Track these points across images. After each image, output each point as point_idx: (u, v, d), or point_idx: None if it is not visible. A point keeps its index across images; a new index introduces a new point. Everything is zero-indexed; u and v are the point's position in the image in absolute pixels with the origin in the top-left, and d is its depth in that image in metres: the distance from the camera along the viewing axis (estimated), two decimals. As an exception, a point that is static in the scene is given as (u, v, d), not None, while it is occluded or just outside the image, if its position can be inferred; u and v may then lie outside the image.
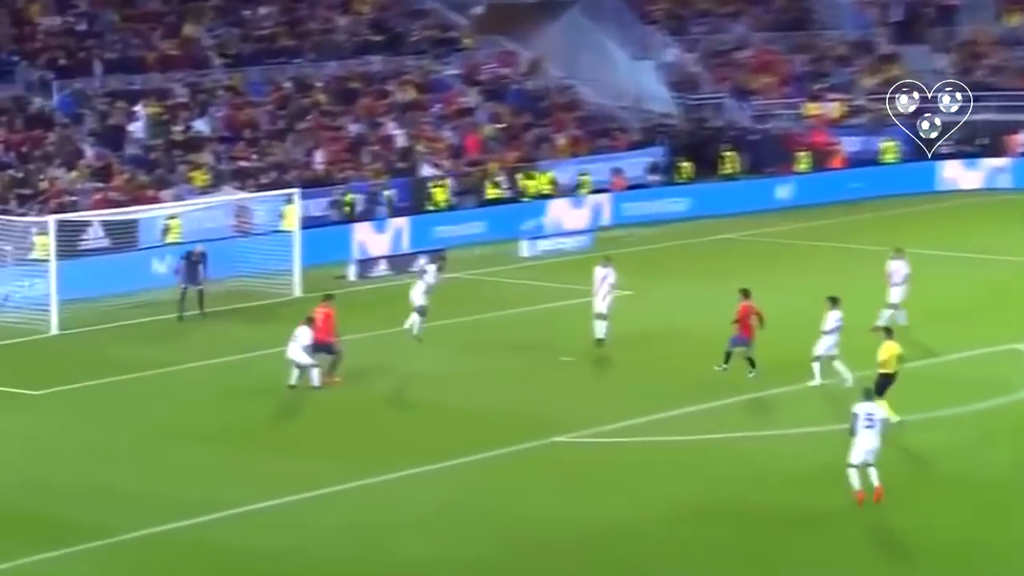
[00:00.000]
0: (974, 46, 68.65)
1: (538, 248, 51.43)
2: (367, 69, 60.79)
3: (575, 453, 30.06)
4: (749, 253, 51.09)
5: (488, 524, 26.11)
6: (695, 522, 26.08)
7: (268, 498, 27.14)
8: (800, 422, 31.17)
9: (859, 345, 32.79)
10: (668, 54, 67.04)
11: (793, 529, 25.80)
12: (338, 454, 29.94)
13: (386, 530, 25.87)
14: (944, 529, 25.66)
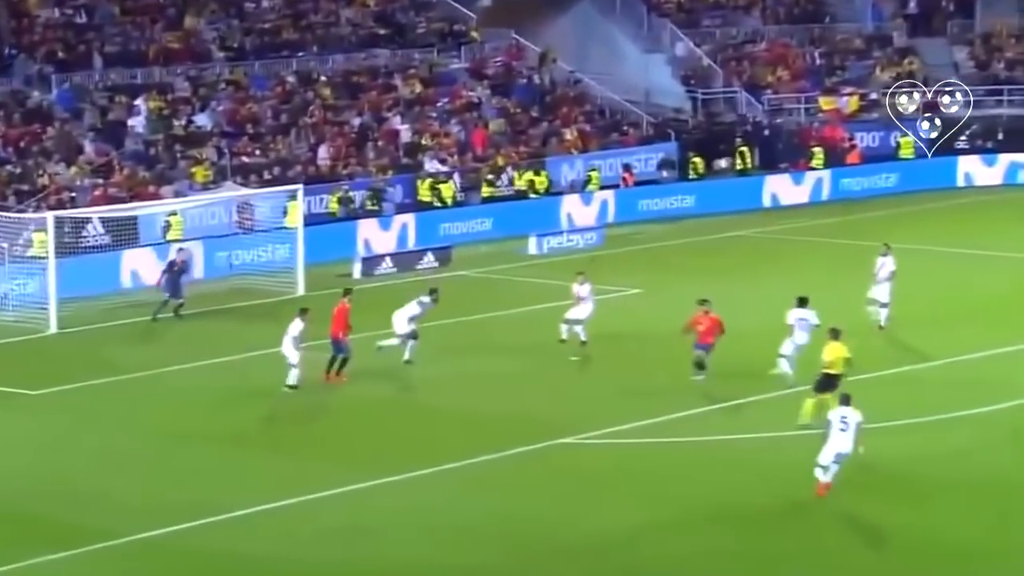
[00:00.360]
0: (992, 39, 68.51)
1: (546, 246, 51.45)
2: (372, 63, 60.84)
3: (583, 455, 30.07)
4: (759, 250, 51.08)
5: (493, 528, 26.10)
6: (706, 526, 26.06)
7: (267, 501, 27.15)
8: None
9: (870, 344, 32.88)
10: (679, 48, 66.97)
11: (800, 531, 25.83)
12: (339, 456, 29.95)
13: (388, 534, 25.88)
14: (953, 533, 25.66)
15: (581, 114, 61.84)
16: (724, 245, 52.23)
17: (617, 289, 43.41)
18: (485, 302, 42.95)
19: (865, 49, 68.72)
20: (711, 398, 33.08)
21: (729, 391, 33.36)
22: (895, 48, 68.71)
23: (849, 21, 70.63)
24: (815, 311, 33.30)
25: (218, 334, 40.43)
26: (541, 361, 36.63)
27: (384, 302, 41.85)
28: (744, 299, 41.56)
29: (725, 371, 34.59)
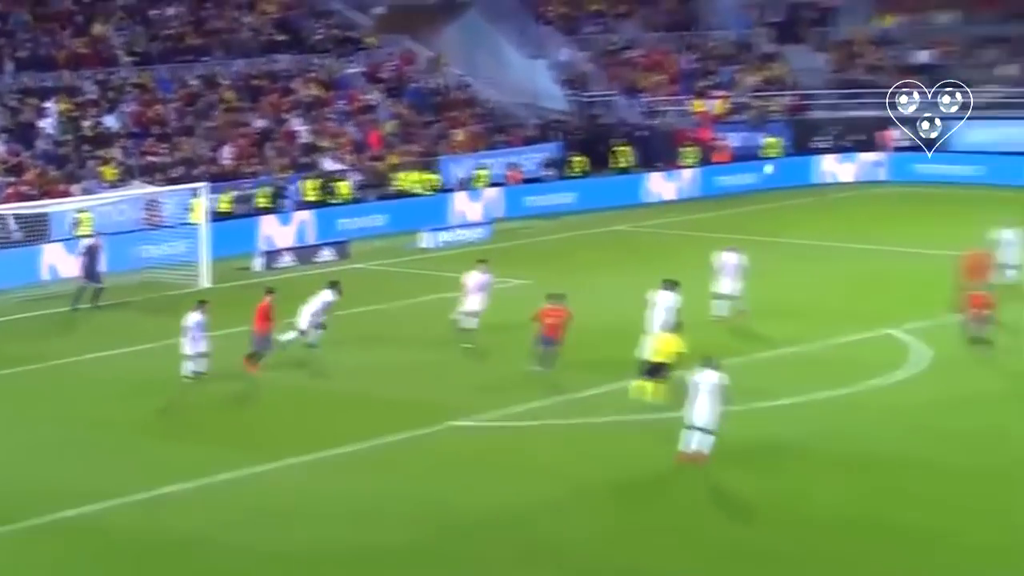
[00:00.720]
0: (850, 46, 69.30)
1: (438, 239, 51.27)
2: (272, 67, 60.34)
3: (474, 436, 29.88)
4: (639, 244, 51.23)
5: (389, 508, 25.79)
6: (593, 502, 25.95)
7: (175, 483, 26.67)
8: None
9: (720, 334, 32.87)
10: (562, 53, 67.10)
11: (678, 504, 25.80)
12: (239, 442, 29.42)
13: (288, 516, 25.44)
14: (824, 506, 25.72)
15: (470, 116, 61.72)
16: (605, 239, 52.37)
17: (506, 280, 43.27)
18: (381, 293, 42.71)
19: (733, 55, 69.19)
20: (596, 381, 32.96)
21: (613, 374, 33.26)
22: (761, 54, 69.22)
23: (719, 29, 71.07)
24: (679, 297, 33.15)
25: (128, 325, 39.85)
26: (435, 349, 36.40)
27: (284, 294, 41.48)
28: (625, 288, 41.63)
29: (609, 355, 34.60)
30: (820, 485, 26.67)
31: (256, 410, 32.05)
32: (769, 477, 27.00)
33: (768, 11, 71.89)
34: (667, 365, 30.21)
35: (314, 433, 29.80)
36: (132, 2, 60.94)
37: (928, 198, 58.72)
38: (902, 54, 68.27)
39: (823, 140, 64.58)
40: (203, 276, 44.46)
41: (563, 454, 28.63)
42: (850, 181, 62.57)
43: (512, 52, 67.18)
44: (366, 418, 30.77)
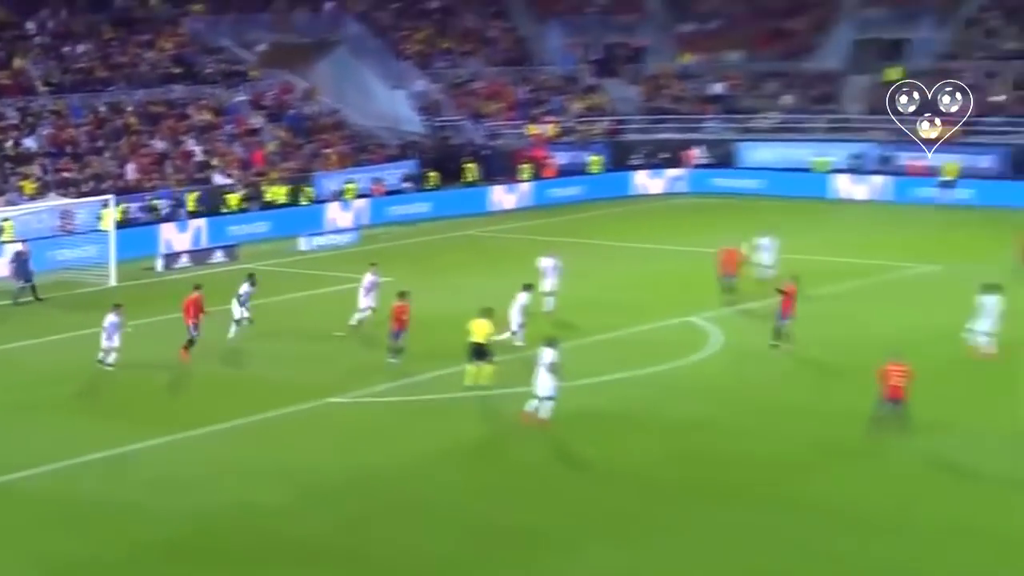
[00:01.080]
0: (658, 79, 70.12)
1: (313, 243, 51.03)
2: (169, 96, 59.48)
3: (347, 411, 29.94)
4: (484, 247, 51.47)
5: (276, 472, 25.77)
6: (448, 464, 26.13)
7: (83, 455, 26.30)
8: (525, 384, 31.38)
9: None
10: (417, 85, 67.03)
11: (519, 464, 26.03)
12: (146, 418, 29.11)
13: (190, 480, 25.37)
14: (641, 465, 26.16)
15: (340, 138, 61.46)
16: (455, 242, 52.52)
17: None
18: (266, 290, 42.25)
19: (561, 87, 69.67)
20: (448, 363, 33.05)
21: (462, 358, 33.41)
22: (584, 86, 69.80)
23: (549, 65, 71.52)
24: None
25: (43, 318, 39.15)
26: (313, 336, 36.28)
27: (182, 291, 41.03)
28: (472, 285, 41.90)
29: (461, 341, 34.75)
30: (637, 447, 27.13)
31: (162, 391, 31.68)
32: (596, 442, 27.38)
33: (589, 50, 72.46)
34: (487, 346, 29.70)
35: (211, 409, 29.61)
36: (48, 40, 59.78)
37: (721, 207, 59.71)
38: (700, 86, 69.25)
39: (636, 158, 65.36)
40: (111, 276, 43.82)
41: (422, 424, 28.76)
42: (659, 193, 63.33)
43: (375, 83, 67.01)
44: (255, 396, 30.62)
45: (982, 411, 29.01)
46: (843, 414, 28.40)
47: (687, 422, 28.52)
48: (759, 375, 32.09)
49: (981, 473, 25.33)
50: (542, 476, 25.42)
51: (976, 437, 27.24)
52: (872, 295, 40.72)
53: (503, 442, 27.50)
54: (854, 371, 31.05)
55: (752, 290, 39.08)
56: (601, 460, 26.28)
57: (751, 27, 72.07)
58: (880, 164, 61.52)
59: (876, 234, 51.66)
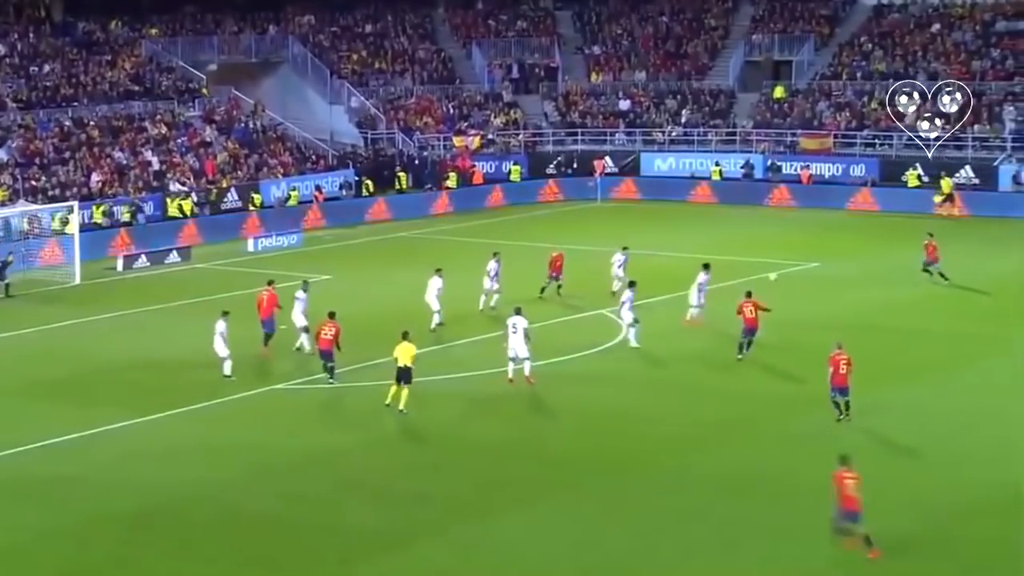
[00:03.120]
0: (570, 96, 70.76)
1: (260, 245, 51.15)
2: (129, 111, 59.27)
3: (289, 397, 30.22)
4: (415, 247, 51.87)
5: (227, 452, 26.10)
6: (388, 444, 26.38)
7: (54, 436, 26.51)
8: (451, 370, 31.73)
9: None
10: (354, 101, 67.21)
11: (459, 446, 26.40)
12: (111, 402, 29.36)
13: (150, 458, 25.64)
14: (579, 443, 26.46)
15: (284, 149, 61.54)
16: (390, 243, 52.82)
17: (313, 276, 43.52)
18: (218, 286, 42.46)
19: (483, 103, 70.13)
20: (386, 352, 33.38)
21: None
22: (504, 102, 70.31)
23: (472, 82, 71.97)
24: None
25: (15, 313, 39.09)
26: (259, 330, 36.29)
27: (141, 289, 41.09)
28: (407, 281, 42.35)
29: (390, 333, 35.13)
30: (548, 427, 27.73)
31: (123, 379, 31.74)
32: (511, 423, 27.89)
33: (508, 70, 72.95)
34: (410, 369, 28.15)
35: (167, 396, 29.77)
36: (17, 61, 59.36)
37: (626, 212, 60.41)
38: (607, 103, 69.97)
39: (551, 167, 65.96)
40: (75, 275, 43.77)
41: (364, 408, 29.05)
42: (571, 198, 63.79)
43: (316, 99, 67.10)
44: (208, 383, 30.82)
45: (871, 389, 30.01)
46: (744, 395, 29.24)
47: (596, 406, 29.02)
48: (664, 359, 32.75)
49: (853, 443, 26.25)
50: (467, 456, 25.79)
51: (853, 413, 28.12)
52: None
53: (436, 425, 27.87)
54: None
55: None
56: (516, 440, 26.80)
57: (653, 50, 73.02)
58: (769, 172, 62.65)
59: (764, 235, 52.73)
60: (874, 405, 27.91)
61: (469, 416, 28.30)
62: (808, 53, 69.38)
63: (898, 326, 35.14)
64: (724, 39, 72.68)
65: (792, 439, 26.55)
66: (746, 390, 29.57)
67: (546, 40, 73.76)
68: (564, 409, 28.85)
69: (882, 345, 33.18)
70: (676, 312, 36.53)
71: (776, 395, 29.48)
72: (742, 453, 25.70)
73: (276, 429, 27.49)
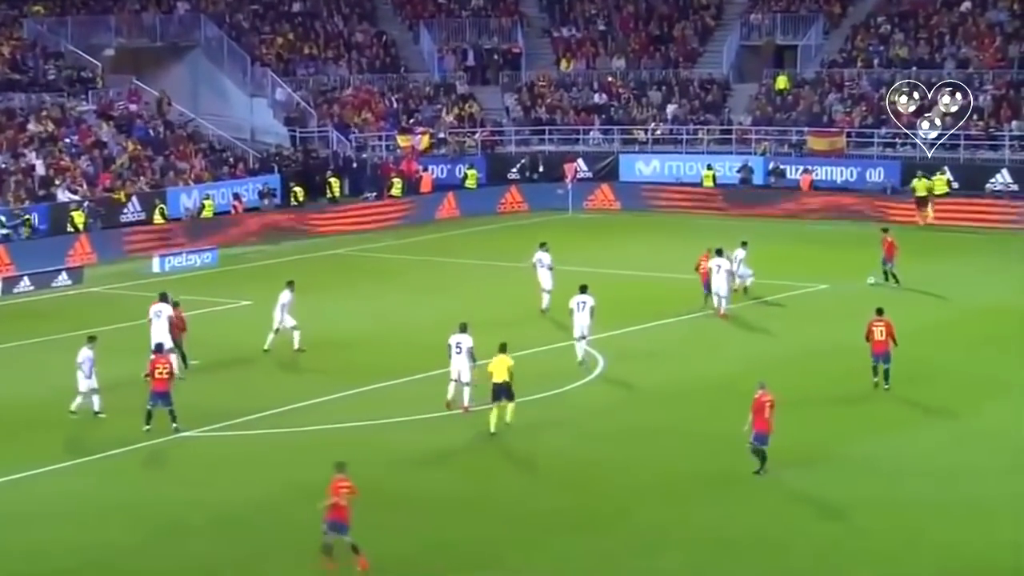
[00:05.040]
0: (536, 87, 70.93)
1: (168, 264, 50.94)
2: (8, 105, 58.96)
3: (203, 445, 30.15)
4: (350, 266, 51.84)
5: (126, 510, 26.02)
6: (308, 500, 26.42)
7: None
8: (408, 411, 31.85)
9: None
10: (279, 93, 67.14)
11: (396, 503, 26.48)
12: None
13: (34, 519, 25.47)
14: (541, 499, 26.73)
15: (195, 150, 61.34)
16: (322, 262, 52.73)
17: (230, 301, 43.47)
18: (115, 315, 42.15)
19: (433, 95, 70.22)
20: (315, 393, 33.42)
21: (325, 388, 33.84)
22: (457, 95, 70.43)
23: (420, 71, 72.05)
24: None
25: None
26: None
27: (24, 316, 40.83)
28: (341, 309, 42.31)
29: (323, 369, 35.17)
30: (513, 479, 27.74)
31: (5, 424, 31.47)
32: (469, 474, 27.97)
33: (463, 56, 73.13)
34: (509, 384, 29.93)
35: (54, 445, 29.58)
36: None
37: (602, 224, 60.52)
38: (580, 95, 70.19)
39: (514, 172, 66.09)
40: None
41: (285, 459, 29.11)
42: (537, 208, 63.78)
43: (234, 91, 67.05)
44: (104, 431, 30.67)
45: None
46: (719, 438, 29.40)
47: (563, 454, 29.21)
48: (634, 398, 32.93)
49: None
50: (406, 509, 25.96)
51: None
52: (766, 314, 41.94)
53: (372, 475, 27.87)
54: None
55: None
56: (471, 492, 26.93)
57: (633, 33, 73.30)
58: (770, 177, 62.99)
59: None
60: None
61: (415, 465, 28.29)
62: (816, 36, 69.96)
63: (919, 355, 35.31)
64: (717, 20, 73.18)
65: (782, 493, 26.74)
66: (733, 434, 29.63)
67: (507, 21, 74.03)
68: (527, 457, 28.86)
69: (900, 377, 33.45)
70: (658, 341, 36.67)
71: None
72: (727, 508, 25.94)
73: (181, 483, 27.41)
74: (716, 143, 65.89)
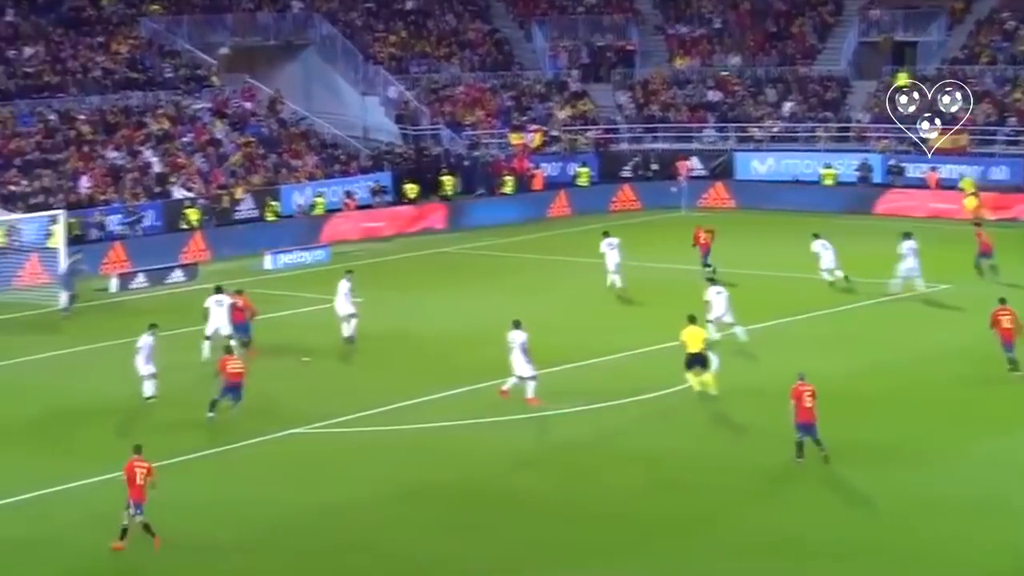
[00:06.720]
0: (649, 85, 70.54)
1: (280, 261, 51.31)
2: (125, 103, 59.80)
3: (312, 442, 30.21)
4: (459, 264, 51.80)
5: (231, 508, 26.09)
6: (412, 500, 26.44)
7: (18, 493, 26.54)
8: (500, 413, 31.66)
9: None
10: (391, 91, 67.41)
11: (498, 505, 26.36)
12: (88, 452, 29.30)
13: (148, 513, 25.58)
14: (624, 500, 26.51)
15: (307, 147, 61.77)
16: (431, 260, 52.78)
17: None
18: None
19: (546, 93, 70.08)
20: (420, 391, 33.38)
21: (432, 387, 33.77)
22: (570, 92, 70.21)
23: (533, 69, 71.95)
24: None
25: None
26: (277, 362, 36.47)
27: (137, 312, 41.27)
28: (448, 307, 42.31)
29: (432, 368, 35.15)
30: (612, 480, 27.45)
31: (106, 422, 31.70)
32: (568, 475, 27.69)
33: (576, 54, 72.93)
34: (703, 353, 32.14)
35: (160, 442, 29.67)
36: (-8, 42, 60.16)
37: (717, 222, 59.85)
38: (694, 93, 69.67)
39: (626, 169, 65.73)
40: (62, 296, 44.01)
41: (387, 458, 29.00)
42: (650, 207, 63.39)
43: (346, 89, 67.42)
44: (213, 427, 30.82)
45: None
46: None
47: (672, 454, 28.91)
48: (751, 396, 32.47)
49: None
50: (500, 517, 25.70)
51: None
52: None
53: (462, 478, 27.76)
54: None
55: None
56: (568, 493, 26.69)
57: (750, 30, 72.61)
58: (890, 175, 62.02)
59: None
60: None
61: (507, 466, 28.11)
62: (937, 33, 68.73)
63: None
64: (836, 16, 72.23)
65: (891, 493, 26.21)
66: (842, 436, 29.05)
67: (621, 18, 73.71)
68: (619, 457, 28.62)
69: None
70: (777, 340, 36.15)
71: (869, 443, 29.07)
72: (828, 512, 25.51)
73: (286, 481, 27.48)
74: (833, 141, 65.00)
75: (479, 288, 45.91)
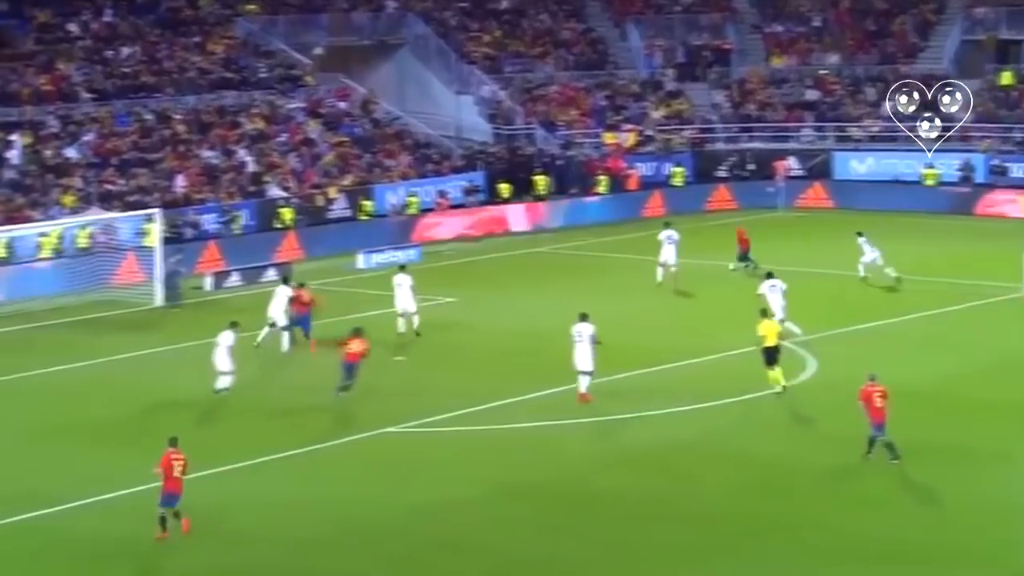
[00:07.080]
0: (746, 84, 69.92)
1: (373, 261, 51.35)
2: (220, 103, 60.20)
3: (403, 442, 30.13)
4: (553, 264, 51.54)
5: (325, 506, 26.12)
6: (504, 500, 26.28)
7: (119, 488, 26.69)
8: (593, 413, 31.44)
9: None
10: (485, 90, 67.31)
11: (591, 505, 26.11)
12: (194, 447, 29.43)
13: (232, 511, 25.64)
14: (724, 502, 26.18)
15: (401, 147, 61.81)
16: (525, 260, 52.58)
17: (433, 298, 43.51)
18: (322, 309, 42.45)
19: (641, 92, 69.65)
20: (513, 392, 33.20)
21: (528, 385, 33.56)
22: (665, 92, 69.73)
23: (627, 68, 71.54)
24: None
25: (89, 340, 39.62)
26: (370, 361, 36.30)
27: (232, 311, 41.48)
28: (541, 307, 42.07)
29: (524, 367, 34.92)
30: (711, 480, 27.09)
31: (212, 419, 31.94)
32: (665, 477, 27.42)
33: (671, 53, 72.44)
34: (779, 347, 32.30)
35: (260, 439, 29.86)
36: (91, 43, 60.75)
37: (815, 223, 59.23)
38: (791, 92, 68.93)
39: (722, 169, 65.14)
40: (157, 295, 44.35)
41: (481, 458, 28.92)
42: (747, 207, 62.73)
43: (440, 88, 67.40)
44: (309, 425, 30.92)
45: None
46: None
47: (761, 457, 28.57)
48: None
49: None
50: (602, 518, 25.47)
51: None
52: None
53: (564, 479, 27.56)
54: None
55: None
56: (661, 493, 26.46)
57: (849, 28, 71.72)
58: (992, 176, 60.93)
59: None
60: None
61: (599, 466, 27.80)
62: (1042, 30, 67.40)
63: None
64: (938, 14, 71.10)
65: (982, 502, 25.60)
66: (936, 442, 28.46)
67: (717, 17, 73.10)
68: (719, 458, 28.24)
69: None
70: (873, 343, 35.53)
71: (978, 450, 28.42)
72: (921, 518, 25.12)
73: (379, 480, 27.48)
74: (934, 140, 63.84)
75: (572, 288, 45.54)
